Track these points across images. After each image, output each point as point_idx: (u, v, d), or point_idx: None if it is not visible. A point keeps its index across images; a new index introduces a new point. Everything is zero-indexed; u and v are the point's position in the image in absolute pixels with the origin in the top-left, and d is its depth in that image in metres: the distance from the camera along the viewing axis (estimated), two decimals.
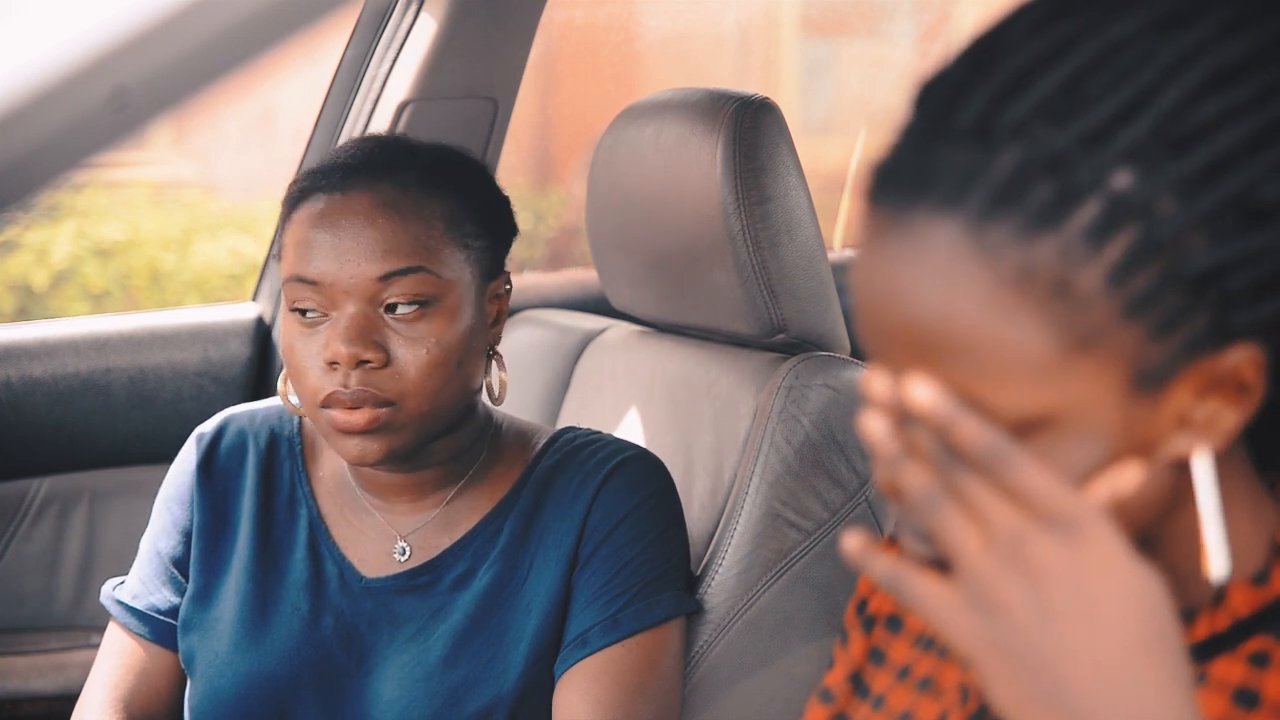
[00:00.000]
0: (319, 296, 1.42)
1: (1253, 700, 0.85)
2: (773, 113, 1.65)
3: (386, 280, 1.41)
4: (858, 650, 1.08)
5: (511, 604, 1.48)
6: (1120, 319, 0.78)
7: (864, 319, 0.83)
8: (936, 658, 1.02)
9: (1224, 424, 0.82)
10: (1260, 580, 0.88)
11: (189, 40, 0.78)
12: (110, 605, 1.58)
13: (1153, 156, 0.77)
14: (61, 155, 0.78)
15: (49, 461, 2.09)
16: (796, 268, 1.65)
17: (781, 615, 1.59)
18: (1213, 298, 0.78)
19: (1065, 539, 0.76)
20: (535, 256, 3.63)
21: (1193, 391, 0.80)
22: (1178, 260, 0.77)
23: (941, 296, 0.79)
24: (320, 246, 1.42)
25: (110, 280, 4.15)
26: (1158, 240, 0.77)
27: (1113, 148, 0.77)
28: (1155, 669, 0.75)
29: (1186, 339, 0.79)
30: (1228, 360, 0.80)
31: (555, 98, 3.70)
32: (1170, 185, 0.77)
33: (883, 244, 0.81)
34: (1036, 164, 0.77)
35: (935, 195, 0.79)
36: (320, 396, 1.42)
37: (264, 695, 1.49)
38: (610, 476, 1.49)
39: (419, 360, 1.42)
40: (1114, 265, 0.77)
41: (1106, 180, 0.77)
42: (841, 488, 1.61)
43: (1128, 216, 0.77)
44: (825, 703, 1.09)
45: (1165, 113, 0.77)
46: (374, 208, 1.43)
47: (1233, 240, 0.78)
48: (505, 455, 1.55)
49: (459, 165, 1.52)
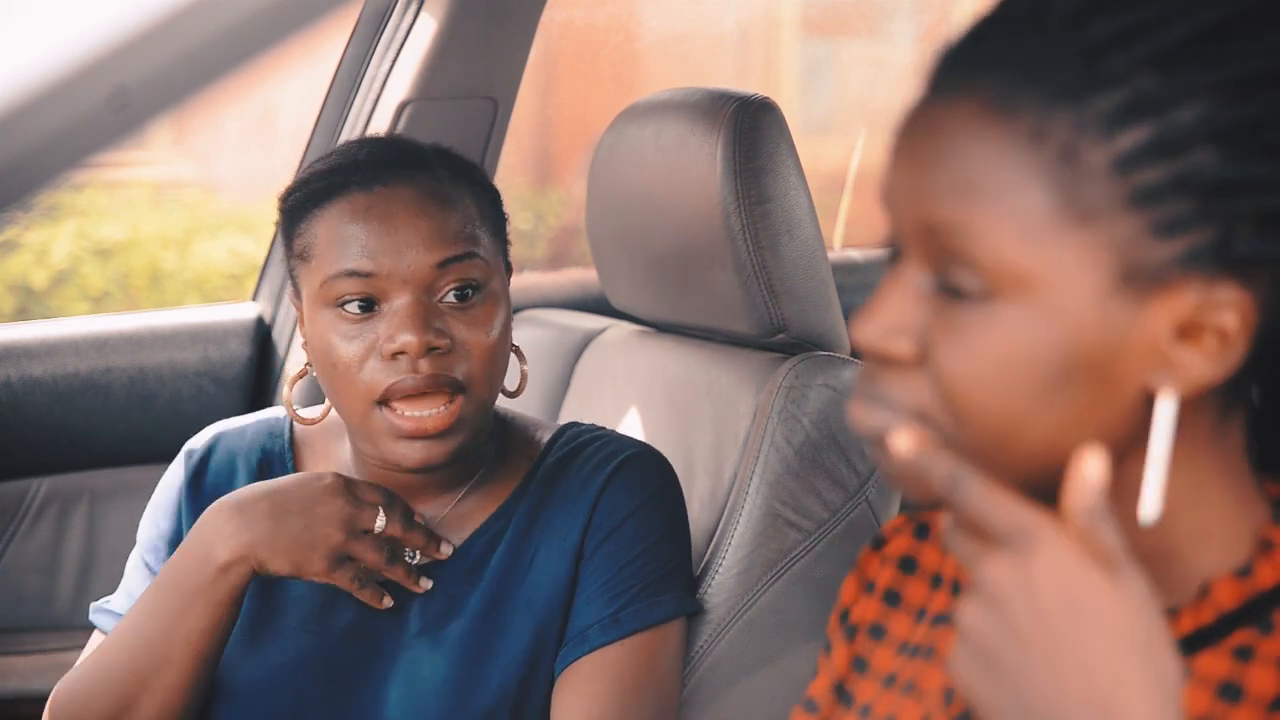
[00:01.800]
0: (370, 289, 1.41)
1: (1236, 694, 0.85)
2: (773, 113, 1.65)
3: (444, 267, 1.41)
4: (841, 659, 1.08)
5: (515, 598, 1.48)
6: (1123, 205, 0.79)
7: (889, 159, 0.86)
8: (921, 661, 1.02)
9: (1194, 372, 0.81)
10: (1244, 574, 0.88)
11: (189, 40, 0.78)
12: (98, 617, 1.56)
13: (1180, 64, 0.79)
14: (61, 155, 0.78)
15: (49, 461, 2.09)
16: (796, 268, 1.65)
17: (781, 615, 1.59)
18: (1219, 215, 0.79)
19: (1015, 559, 0.76)
20: (535, 256, 3.63)
21: (1172, 323, 0.81)
22: (1189, 167, 0.79)
23: (958, 145, 0.81)
24: (369, 239, 1.41)
25: (110, 280, 4.15)
26: (1170, 143, 0.79)
27: (1147, 48, 0.79)
28: (1139, 669, 0.75)
29: (1186, 249, 0.79)
30: (1217, 296, 0.80)
31: (555, 98, 3.70)
32: (1191, 96, 0.79)
33: (922, 102, 0.84)
34: (1071, 50, 0.79)
35: (974, 67, 0.82)
36: (378, 391, 1.39)
37: (273, 698, 1.48)
38: (616, 473, 1.49)
39: (481, 344, 1.42)
40: (1122, 154, 0.79)
41: (1133, 76, 0.79)
42: (841, 488, 1.61)
43: (1145, 114, 0.79)
44: (810, 713, 1.09)
45: (1205, 26, 0.79)
46: (421, 198, 1.42)
47: (1245, 162, 0.79)
48: (512, 452, 1.55)
49: (468, 162, 1.53)
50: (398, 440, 1.41)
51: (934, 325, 0.83)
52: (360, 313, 1.41)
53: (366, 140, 1.51)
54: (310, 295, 1.44)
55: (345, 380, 1.41)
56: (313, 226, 1.44)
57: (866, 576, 1.09)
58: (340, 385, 1.42)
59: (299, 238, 1.45)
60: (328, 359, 1.42)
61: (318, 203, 1.44)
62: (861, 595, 1.09)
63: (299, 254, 1.46)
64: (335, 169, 1.46)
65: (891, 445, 0.81)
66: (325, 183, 1.45)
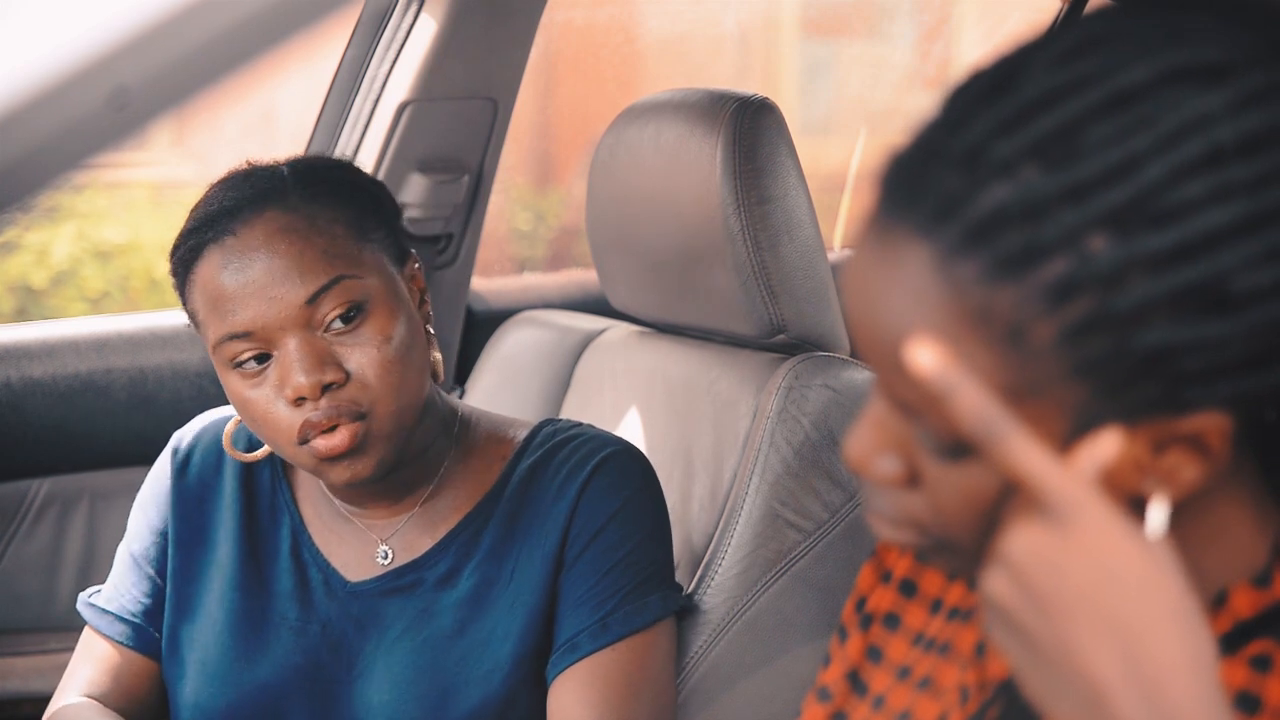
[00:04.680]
0: (255, 344, 1.40)
1: (1254, 705, 0.84)
2: (772, 113, 1.65)
3: (314, 301, 1.39)
4: (855, 648, 1.08)
5: (498, 604, 1.47)
6: (1068, 376, 0.77)
7: (848, 317, 0.84)
8: (936, 657, 1.02)
9: (1184, 477, 0.80)
10: (1262, 583, 0.87)
11: (189, 40, 0.78)
12: (85, 610, 1.57)
13: (1130, 226, 0.75)
14: (61, 155, 0.78)
15: (49, 462, 2.09)
16: (796, 268, 1.65)
17: (781, 615, 1.59)
18: (1165, 373, 0.76)
19: (1053, 526, 0.75)
20: (535, 256, 3.63)
21: (1148, 446, 0.79)
22: (1133, 333, 0.76)
23: (906, 316, 0.79)
24: (236, 295, 1.39)
25: (110, 281, 4.14)
26: (1117, 311, 0.75)
27: (1092, 208, 0.75)
28: (1180, 640, 0.74)
29: (1134, 403, 0.77)
30: (1188, 425, 0.78)
31: (555, 98, 3.70)
32: (1141, 259, 0.75)
33: (868, 250, 0.81)
34: (1014, 209, 0.76)
35: (918, 215, 0.79)
36: (295, 433, 1.39)
37: (254, 704, 1.48)
38: (594, 475, 1.48)
39: (375, 363, 1.40)
40: (1068, 326, 0.76)
41: (1079, 241, 0.75)
42: (841, 488, 1.61)
43: (1092, 282, 0.75)
44: (823, 701, 1.09)
45: (1153, 183, 0.75)
46: (271, 235, 1.39)
47: (1192, 325, 0.75)
48: (480, 451, 1.54)
49: (327, 168, 1.49)
50: (324, 465, 1.41)
51: (917, 452, 0.83)
52: (258, 365, 1.40)
53: (225, 181, 1.47)
54: (212, 356, 1.44)
55: (268, 427, 1.42)
56: (192, 292, 1.43)
57: (884, 565, 1.09)
58: (265, 432, 1.42)
59: (188, 304, 1.45)
60: (246, 413, 1.43)
61: (188, 267, 1.43)
62: (878, 584, 1.09)
63: (191, 317, 1.45)
64: (197, 226, 1.43)
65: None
66: (192, 242, 1.43)
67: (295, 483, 1.56)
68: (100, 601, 1.57)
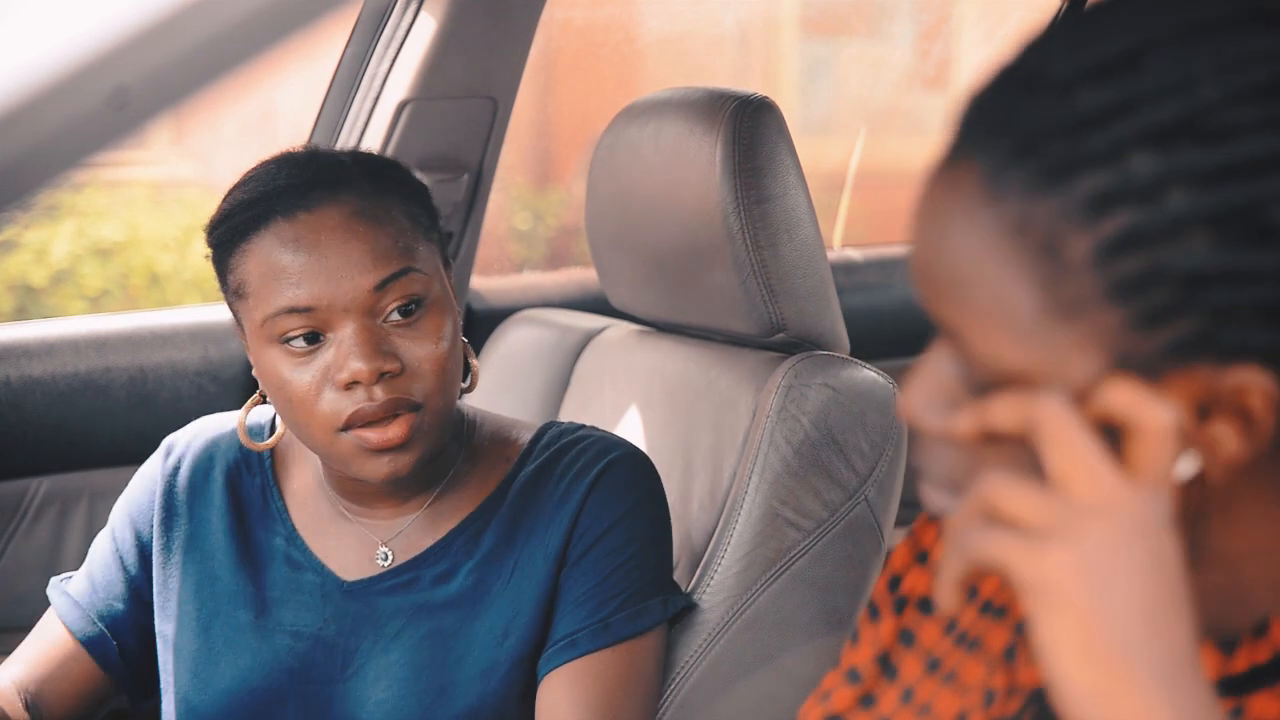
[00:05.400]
0: (313, 322, 1.38)
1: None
2: (772, 112, 1.65)
3: (383, 289, 1.38)
4: (888, 630, 1.06)
5: (497, 603, 1.47)
6: (1103, 298, 0.76)
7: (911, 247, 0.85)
8: (965, 653, 1.00)
9: (1225, 449, 0.78)
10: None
11: (189, 40, 0.78)
12: (54, 594, 1.57)
13: (1176, 142, 0.75)
14: (61, 155, 0.78)
15: (49, 461, 2.09)
16: (796, 267, 1.65)
17: (781, 615, 1.59)
18: (1202, 305, 0.75)
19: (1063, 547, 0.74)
20: (535, 256, 3.63)
21: (1190, 403, 0.78)
22: (1170, 255, 0.75)
23: (954, 232, 0.79)
24: (302, 271, 1.37)
25: (110, 280, 4.14)
26: (1156, 228, 0.75)
27: (1139, 121, 0.75)
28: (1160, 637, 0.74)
29: (1171, 340, 0.76)
30: (1229, 380, 0.76)
31: (555, 98, 3.70)
32: (1182, 175, 0.75)
33: (933, 177, 0.82)
34: (1062, 121, 0.77)
35: (976, 134, 0.80)
36: (341, 420, 1.38)
37: (246, 707, 1.48)
38: (601, 477, 1.48)
39: (431, 358, 1.40)
40: (1104, 241, 0.76)
41: (1122, 154, 0.75)
42: (841, 487, 1.61)
43: (1130, 196, 0.75)
44: (852, 683, 1.07)
45: (1206, 103, 0.75)
46: (348, 219, 1.39)
47: (1228, 250, 0.75)
48: (486, 453, 1.54)
49: (389, 164, 1.48)
50: (365, 457, 1.40)
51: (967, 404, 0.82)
52: (307, 345, 1.39)
53: (284, 159, 1.46)
54: (253, 331, 1.41)
55: (304, 411, 1.40)
56: (244, 262, 1.40)
57: (920, 545, 1.07)
58: (300, 416, 1.40)
59: (231, 274, 1.42)
60: (283, 393, 1.40)
61: (244, 236, 1.40)
62: (914, 565, 1.07)
63: (234, 290, 1.42)
64: (257, 198, 1.41)
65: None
66: (249, 214, 1.40)
67: (287, 489, 1.56)
68: (74, 592, 1.57)
